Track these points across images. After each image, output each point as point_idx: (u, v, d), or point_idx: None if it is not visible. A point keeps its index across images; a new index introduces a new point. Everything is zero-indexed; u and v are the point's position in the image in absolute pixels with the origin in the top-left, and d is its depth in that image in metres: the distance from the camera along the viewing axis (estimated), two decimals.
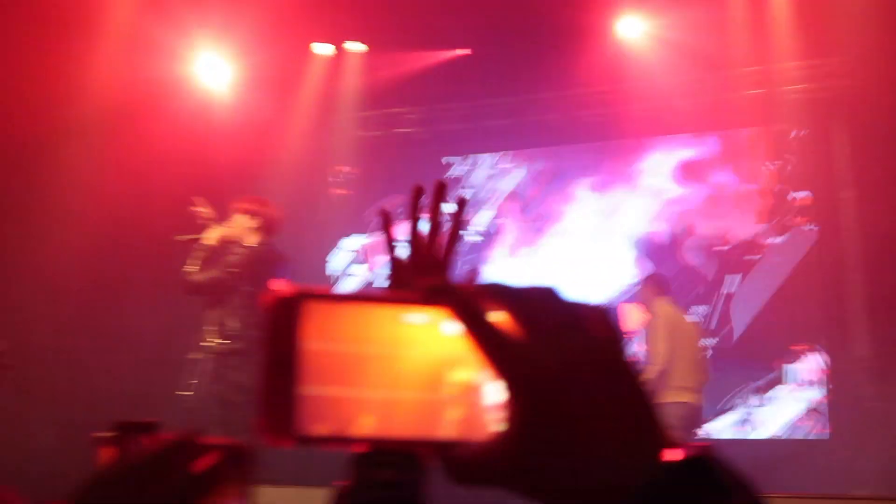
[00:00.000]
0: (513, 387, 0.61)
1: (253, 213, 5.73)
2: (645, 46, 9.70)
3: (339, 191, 11.12)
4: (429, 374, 0.63)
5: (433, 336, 0.63)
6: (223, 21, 9.17)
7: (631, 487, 0.59)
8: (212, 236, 5.61)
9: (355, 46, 10.18)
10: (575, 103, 10.29)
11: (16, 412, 8.43)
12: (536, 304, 0.63)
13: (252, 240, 5.68)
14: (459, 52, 10.14)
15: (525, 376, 0.60)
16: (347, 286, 11.08)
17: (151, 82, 9.05)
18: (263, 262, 5.63)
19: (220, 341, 5.49)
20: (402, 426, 0.62)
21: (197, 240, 5.64)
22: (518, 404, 0.60)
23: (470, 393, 0.63)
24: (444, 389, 0.63)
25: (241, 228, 5.69)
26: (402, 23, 9.36)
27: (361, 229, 11.16)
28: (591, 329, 0.63)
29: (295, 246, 10.24)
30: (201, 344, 5.56)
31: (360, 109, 10.69)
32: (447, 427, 0.63)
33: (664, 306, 7.78)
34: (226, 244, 5.63)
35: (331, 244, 11.16)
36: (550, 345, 0.61)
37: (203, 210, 5.80)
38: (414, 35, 9.64)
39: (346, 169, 11.04)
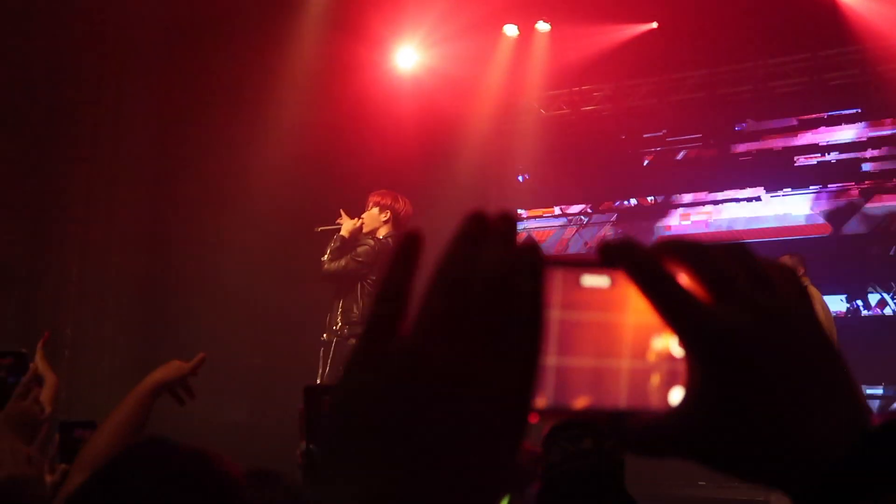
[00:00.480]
0: (697, 352, 0.57)
1: (383, 207, 6.00)
2: (859, 6, 9.11)
3: (524, 173, 11.15)
4: (631, 340, 0.59)
5: (626, 299, 0.59)
6: (419, 7, 9.31)
7: (832, 457, 0.55)
8: (346, 228, 5.97)
9: (542, 26, 10.15)
10: (769, 74, 9.90)
11: (211, 391, 8.97)
12: (721, 260, 0.58)
13: (382, 232, 5.95)
14: (646, 26, 9.92)
15: (710, 340, 0.56)
16: None
17: (348, 65, 9.32)
18: (372, 256, 5.89)
19: (344, 327, 5.89)
20: (609, 396, 0.59)
21: (335, 231, 6.04)
22: (703, 370, 0.56)
23: (659, 359, 0.59)
24: (647, 356, 0.59)
25: (372, 221, 5.98)
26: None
27: (546, 206, 11.17)
28: (781, 288, 0.59)
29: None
30: (333, 328, 5.99)
31: (547, 88, 10.66)
32: (643, 396, 0.59)
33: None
34: (357, 235, 5.96)
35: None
36: (739, 306, 0.57)
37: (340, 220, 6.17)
38: (599, 11, 9.51)
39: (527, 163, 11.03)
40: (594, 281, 0.58)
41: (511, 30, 10.27)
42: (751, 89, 10.05)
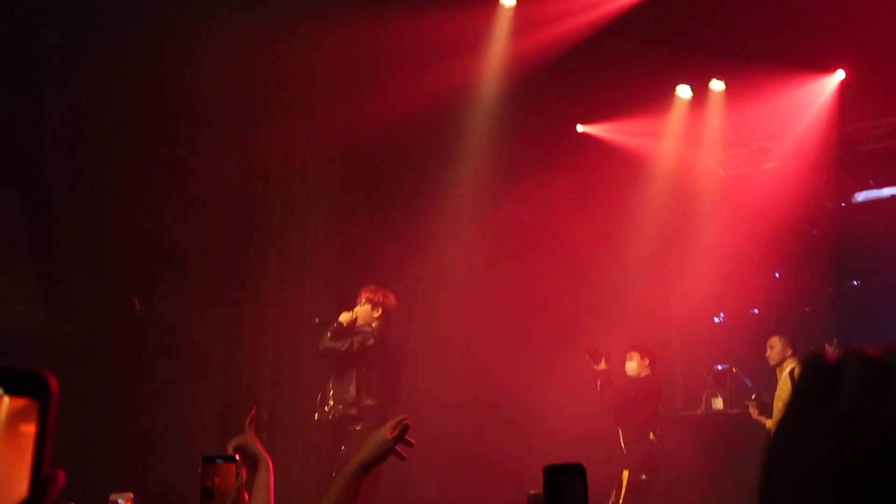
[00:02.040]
0: None
1: (375, 304, 6.50)
2: None
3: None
4: None
5: None
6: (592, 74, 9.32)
7: None
8: (343, 317, 6.45)
9: (717, 85, 9.96)
10: None
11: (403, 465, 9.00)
12: None
13: (373, 325, 6.44)
14: (830, 76, 9.56)
15: None
16: None
17: (530, 131, 9.41)
18: (381, 345, 6.42)
19: (338, 406, 6.31)
20: None
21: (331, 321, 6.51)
22: None
23: None
24: None
25: (365, 315, 6.48)
26: (764, 55, 9.01)
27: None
28: None
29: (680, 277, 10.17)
30: (325, 409, 6.40)
31: (724, 148, 10.41)
32: None
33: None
34: (352, 326, 6.46)
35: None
36: None
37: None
38: (774, 64, 9.24)
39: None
40: None
41: (684, 90, 10.12)
42: None
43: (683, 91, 10.12)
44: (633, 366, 7.24)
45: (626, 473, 6.88)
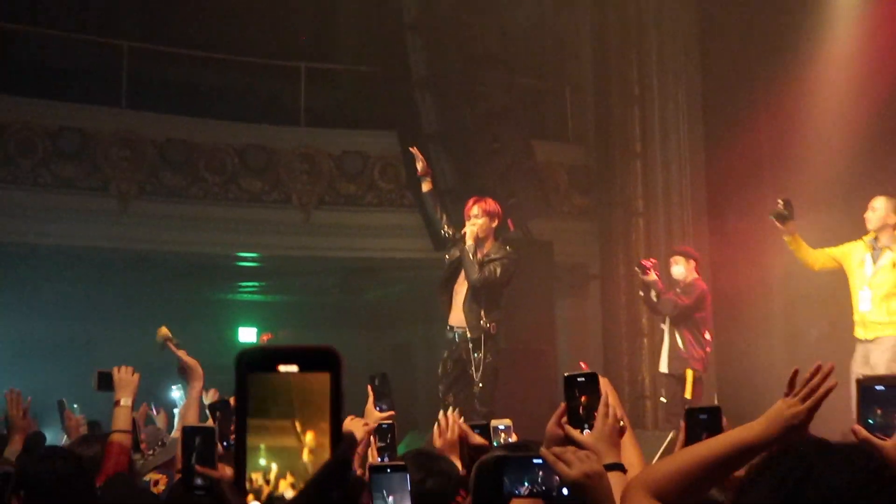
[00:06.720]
0: None
1: (492, 214, 6.58)
2: None
3: None
4: None
5: None
6: None
7: None
8: (470, 236, 6.55)
9: None
10: None
11: None
12: None
13: (490, 237, 6.59)
14: None
15: None
16: None
17: None
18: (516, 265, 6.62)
19: (489, 322, 6.48)
20: None
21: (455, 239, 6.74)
22: None
23: None
24: None
25: (485, 226, 6.55)
26: None
27: None
28: None
29: None
30: (479, 324, 6.49)
31: None
32: None
33: None
34: (478, 241, 6.56)
35: None
36: None
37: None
38: None
39: None
40: None
41: None
42: None
43: None
44: (679, 270, 7.28)
45: (689, 373, 7.11)
